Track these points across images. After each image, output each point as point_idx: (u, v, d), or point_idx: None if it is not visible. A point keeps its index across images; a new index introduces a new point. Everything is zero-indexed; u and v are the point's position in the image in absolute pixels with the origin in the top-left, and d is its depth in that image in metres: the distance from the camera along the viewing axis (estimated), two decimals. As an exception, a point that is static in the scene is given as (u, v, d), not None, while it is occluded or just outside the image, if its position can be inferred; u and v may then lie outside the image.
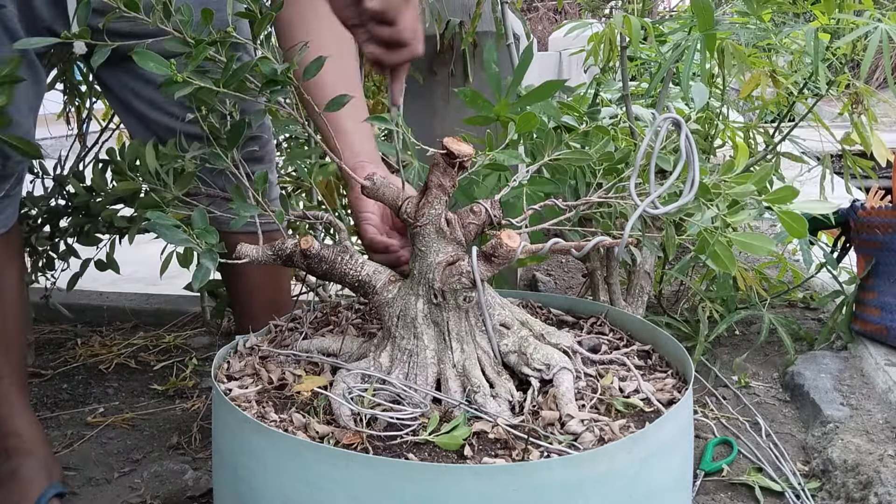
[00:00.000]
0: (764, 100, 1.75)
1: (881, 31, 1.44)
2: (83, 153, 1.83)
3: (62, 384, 1.81)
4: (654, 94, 1.79)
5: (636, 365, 0.98)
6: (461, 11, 2.05)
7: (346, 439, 0.81)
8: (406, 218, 0.95)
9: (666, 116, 0.91)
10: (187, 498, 1.34)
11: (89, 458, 1.49)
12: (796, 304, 2.15)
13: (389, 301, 0.95)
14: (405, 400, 0.88)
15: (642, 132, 1.51)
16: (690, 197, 0.89)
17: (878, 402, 1.52)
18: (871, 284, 1.75)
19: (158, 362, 1.92)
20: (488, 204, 0.94)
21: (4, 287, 1.29)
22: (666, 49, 1.70)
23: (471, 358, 0.92)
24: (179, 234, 0.87)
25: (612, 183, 1.09)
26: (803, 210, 1.06)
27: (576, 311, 1.16)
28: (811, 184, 1.87)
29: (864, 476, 1.26)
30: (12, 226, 1.28)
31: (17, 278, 1.34)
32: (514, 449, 0.81)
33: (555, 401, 0.87)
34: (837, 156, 1.86)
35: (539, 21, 9.90)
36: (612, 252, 1.51)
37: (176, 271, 1.47)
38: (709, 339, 1.70)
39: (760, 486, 1.33)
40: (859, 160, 1.80)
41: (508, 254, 0.88)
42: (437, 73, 2.10)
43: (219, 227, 1.08)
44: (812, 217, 1.77)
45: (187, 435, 1.55)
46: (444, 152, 0.89)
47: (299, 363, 0.99)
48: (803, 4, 1.58)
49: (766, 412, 1.60)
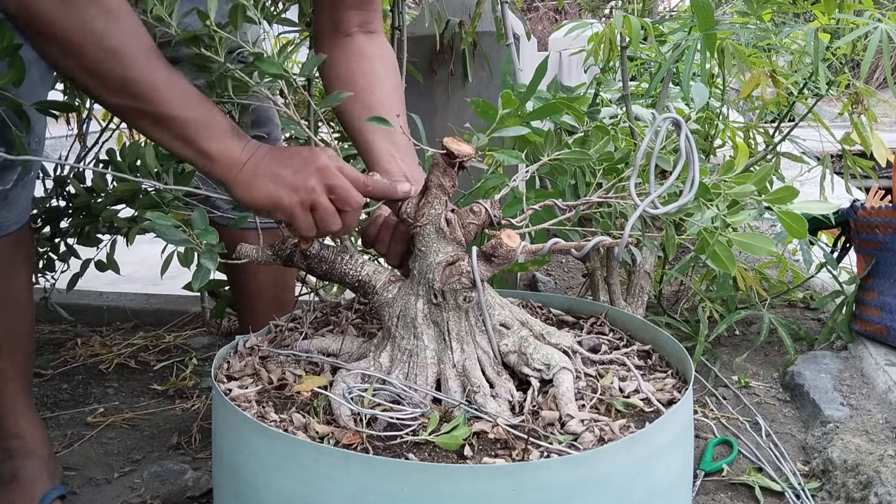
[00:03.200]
0: (764, 100, 1.75)
1: (881, 31, 1.44)
2: (83, 153, 1.83)
3: (62, 384, 1.81)
4: (654, 94, 1.79)
5: (636, 365, 0.98)
6: (461, 11, 2.05)
7: (346, 439, 0.81)
8: (406, 218, 0.95)
9: (666, 116, 0.91)
10: (187, 498, 1.34)
11: (89, 458, 1.49)
12: (796, 304, 2.15)
13: (389, 301, 0.95)
14: (405, 400, 0.88)
15: (642, 132, 1.51)
16: (690, 197, 0.89)
17: (878, 402, 1.52)
18: (871, 284, 1.75)
19: (158, 362, 1.92)
20: (488, 204, 0.94)
21: (12, 289, 1.28)
22: (666, 49, 1.70)
23: (471, 358, 0.92)
24: (179, 235, 0.87)
25: (612, 183, 1.09)
26: (803, 210, 1.06)
27: (576, 311, 1.16)
28: (811, 184, 1.87)
29: (864, 476, 1.26)
30: (23, 228, 1.28)
31: (26, 281, 1.33)
32: (514, 449, 0.81)
33: (555, 401, 0.87)
34: (837, 156, 1.86)
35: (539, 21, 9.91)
36: (612, 252, 1.51)
37: (176, 271, 1.47)
38: (709, 339, 1.70)
39: (760, 486, 1.33)
40: (859, 160, 1.80)
41: (508, 254, 0.88)
42: (436, 73, 2.11)
43: (223, 225, 1.09)
44: (812, 217, 1.77)
45: (187, 435, 1.55)
46: (443, 152, 0.90)
47: (299, 363, 0.99)
48: (803, 4, 1.58)
49: (766, 412, 1.60)
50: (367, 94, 1.11)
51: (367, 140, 1.08)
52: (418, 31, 2.07)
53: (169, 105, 0.87)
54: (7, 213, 1.23)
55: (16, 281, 1.29)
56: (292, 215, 0.91)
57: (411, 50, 1.83)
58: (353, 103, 1.09)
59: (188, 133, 0.89)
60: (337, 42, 1.15)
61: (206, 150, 0.89)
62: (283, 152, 0.93)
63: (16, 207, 1.24)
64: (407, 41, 1.79)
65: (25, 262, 1.32)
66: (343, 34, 1.15)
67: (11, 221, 1.24)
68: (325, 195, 0.90)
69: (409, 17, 2.12)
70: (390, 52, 1.19)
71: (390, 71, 1.16)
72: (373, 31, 1.17)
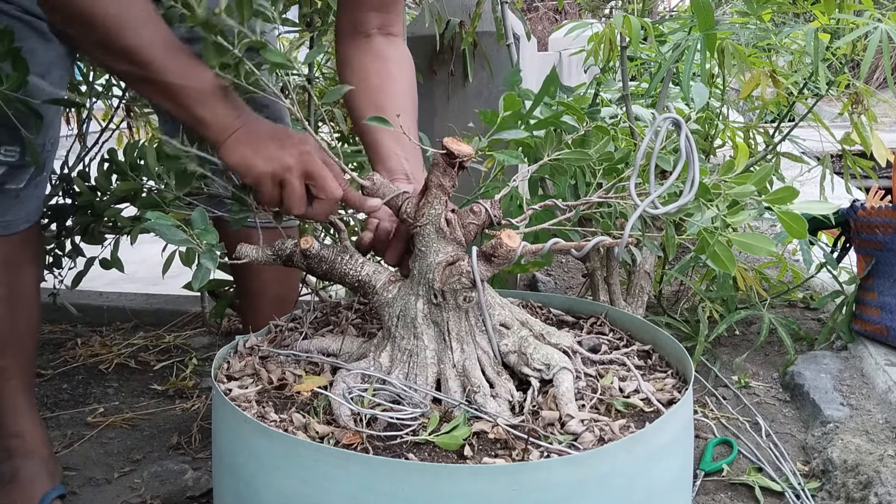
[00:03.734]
0: (764, 100, 1.75)
1: (881, 31, 1.44)
2: (83, 153, 1.83)
3: (62, 384, 1.81)
4: (654, 94, 1.79)
5: (636, 365, 0.98)
6: (461, 11, 2.05)
7: (346, 439, 0.81)
8: (406, 218, 0.95)
9: (666, 116, 0.91)
10: (187, 498, 1.34)
11: (89, 458, 1.49)
12: (796, 304, 2.15)
13: (389, 301, 0.95)
14: (405, 400, 0.88)
15: (642, 132, 1.51)
16: (690, 197, 0.89)
17: (878, 402, 1.52)
18: (871, 284, 1.75)
19: (158, 362, 1.92)
20: (488, 204, 0.94)
21: (20, 287, 1.28)
22: (666, 49, 1.70)
23: (471, 358, 0.92)
24: (179, 234, 0.87)
25: (612, 183, 1.09)
26: (803, 210, 1.06)
27: (576, 311, 1.16)
28: (811, 184, 1.87)
29: (864, 476, 1.26)
30: (32, 227, 1.28)
31: (33, 280, 1.33)
32: (514, 449, 0.81)
33: (555, 401, 0.87)
34: (837, 156, 1.86)
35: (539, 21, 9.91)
36: (612, 252, 1.51)
37: (176, 271, 1.48)
38: (709, 339, 1.70)
39: (760, 486, 1.33)
40: (859, 160, 1.80)
41: (508, 254, 0.88)
42: (437, 73, 2.11)
43: (228, 224, 1.10)
44: (812, 217, 1.77)
45: (187, 435, 1.55)
46: (444, 152, 0.90)
47: (299, 363, 0.99)
48: (803, 4, 1.58)
49: (766, 412, 1.60)
50: (380, 94, 1.13)
51: (374, 139, 1.11)
52: (418, 31, 2.07)
53: (167, 73, 0.93)
54: (17, 212, 1.23)
55: (23, 280, 1.29)
56: (260, 183, 0.96)
57: (411, 50, 1.83)
58: (366, 102, 1.12)
59: (185, 101, 0.95)
60: (356, 42, 1.18)
61: (201, 117, 0.95)
62: (277, 130, 0.98)
63: (26, 206, 1.24)
64: (407, 41, 1.78)
65: (33, 262, 1.32)
66: (363, 35, 1.18)
67: (21, 220, 1.24)
68: (298, 177, 0.96)
69: (409, 17, 2.12)
70: (408, 56, 1.22)
71: (405, 73, 1.19)
72: (392, 35, 1.20)
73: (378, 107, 1.11)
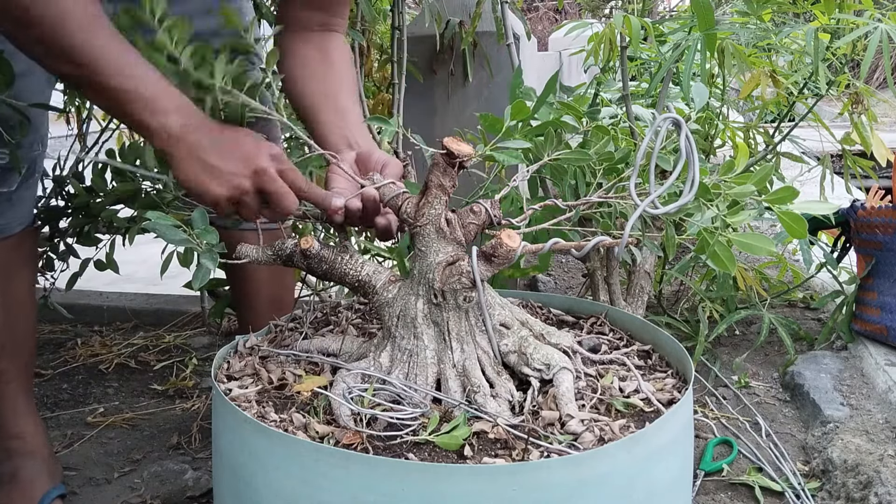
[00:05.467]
0: (764, 100, 1.75)
1: (881, 31, 1.44)
2: (83, 153, 1.83)
3: (62, 384, 1.81)
4: (654, 94, 1.79)
5: (636, 365, 0.98)
6: (461, 11, 2.05)
7: (346, 439, 0.81)
8: (406, 218, 0.95)
9: (666, 116, 0.91)
10: (187, 498, 1.34)
11: (89, 458, 1.49)
12: (796, 304, 2.15)
13: (389, 301, 0.95)
14: (405, 400, 0.88)
15: (642, 132, 1.51)
16: (690, 197, 0.89)
17: (878, 402, 1.52)
18: (871, 284, 1.75)
19: (158, 362, 1.92)
20: (488, 204, 0.94)
21: (16, 290, 1.28)
22: (666, 49, 1.70)
23: (471, 358, 0.92)
24: (179, 235, 0.87)
25: (612, 183, 1.09)
26: (803, 210, 1.06)
27: (576, 311, 1.16)
28: (811, 184, 1.87)
29: (864, 476, 1.26)
30: (27, 230, 1.28)
31: (29, 283, 1.33)
32: (514, 449, 0.81)
33: (555, 401, 0.87)
34: (837, 156, 1.86)
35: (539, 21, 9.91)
36: (612, 252, 1.51)
37: (176, 271, 1.48)
38: (709, 339, 1.70)
39: (760, 486, 1.33)
40: (859, 160, 1.80)
41: (508, 254, 0.88)
42: (436, 73, 2.11)
43: (222, 225, 1.09)
44: (812, 217, 1.77)
45: (187, 435, 1.55)
46: (443, 152, 0.89)
47: (299, 363, 0.99)
48: (803, 4, 1.58)
49: (766, 412, 1.60)
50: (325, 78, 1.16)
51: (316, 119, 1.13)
52: (418, 31, 2.07)
53: (108, 75, 0.87)
54: (11, 215, 1.23)
55: (19, 282, 1.29)
56: (217, 206, 0.93)
57: (411, 50, 1.83)
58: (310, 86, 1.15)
59: (127, 105, 0.88)
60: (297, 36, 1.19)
61: (146, 123, 0.89)
62: (224, 139, 0.92)
63: (20, 209, 1.24)
64: (407, 41, 1.79)
65: (29, 264, 1.32)
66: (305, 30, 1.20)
67: (15, 223, 1.24)
68: (255, 197, 0.93)
69: (409, 17, 2.12)
70: (347, 47, 1.25)
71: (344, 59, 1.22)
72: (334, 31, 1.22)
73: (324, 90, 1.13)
